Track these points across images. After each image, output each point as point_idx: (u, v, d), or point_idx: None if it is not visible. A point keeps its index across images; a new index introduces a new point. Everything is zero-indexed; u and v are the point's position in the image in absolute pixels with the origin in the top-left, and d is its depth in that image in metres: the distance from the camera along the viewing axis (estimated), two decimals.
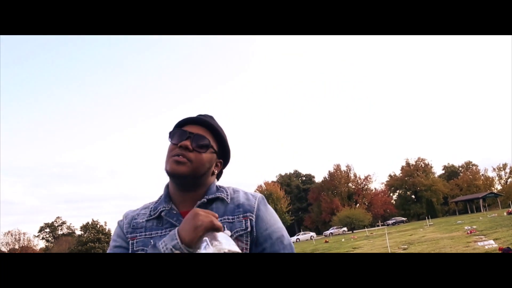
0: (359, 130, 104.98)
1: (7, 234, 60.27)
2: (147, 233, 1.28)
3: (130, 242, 1.28)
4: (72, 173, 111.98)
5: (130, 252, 1.26)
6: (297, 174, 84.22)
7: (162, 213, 1.28)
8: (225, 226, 1.21)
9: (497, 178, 76.56)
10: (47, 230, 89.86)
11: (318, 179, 78.38)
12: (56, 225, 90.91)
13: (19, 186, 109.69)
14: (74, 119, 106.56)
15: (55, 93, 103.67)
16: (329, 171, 69.81)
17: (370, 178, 69.85)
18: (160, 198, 1.37)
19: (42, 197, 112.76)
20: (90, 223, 59.27)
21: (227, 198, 1.32)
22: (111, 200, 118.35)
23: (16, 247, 59.70)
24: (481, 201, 56.76)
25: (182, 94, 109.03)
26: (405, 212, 69.57)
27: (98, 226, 59.22)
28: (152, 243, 1.23)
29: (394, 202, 73.17)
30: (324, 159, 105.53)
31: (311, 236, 50.99)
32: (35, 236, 75.64)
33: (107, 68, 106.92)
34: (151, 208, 1.34)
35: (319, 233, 65.03)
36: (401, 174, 73.38)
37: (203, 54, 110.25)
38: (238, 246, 1.11)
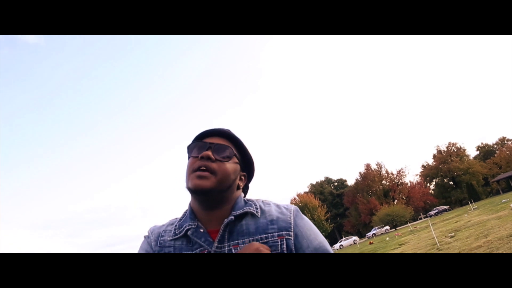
0: (383, 125, 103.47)
1: None
2: (176, 252, 1.18)
3: None
4: (105, 217, 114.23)
5: None
6: (328, 180, 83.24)
7: (188, 232, 1.17)
8: None
9: None
10: None
11: (350, 182, 77.29)
12: None
13: (57, 238, 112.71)
14: (99, 161, 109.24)
15: (81, 138, 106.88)
16: (360, 172, 68.73)
17: (403, 172, 68.27)
18: (184, 214, 1.26)
19: (81, 245, 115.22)
20: None
21: (257, 212, 1.20)
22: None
23: None
24: None
25: (198, 119, 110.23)
26: (446, 200, 67.43)
27: None
28: None
29: (432, 192, 71.13)
30: (352, 161, 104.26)
31: (354, 240, 49.86)
32: None
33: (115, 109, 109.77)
34: (176, 225, 1.23)
35: (361, 236, 63.80)
36: (434, 163, 71.32)
37: (215, 71, 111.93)
38: None
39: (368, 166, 68.38)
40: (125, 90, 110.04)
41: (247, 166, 1.31)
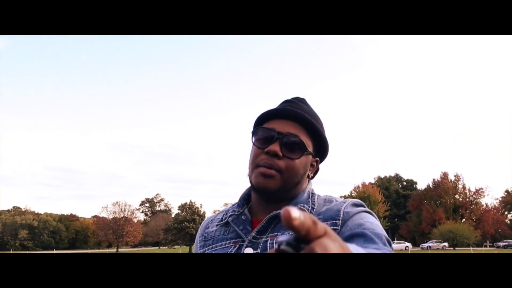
0: (473, 137, 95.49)
1: (116, 204, 65.73)
2: (213, 244, 1.10)
3: None
4: (172, 155, 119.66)
5: None
6: (398, 178, 79.06)
7: (229, 219, 1.09)
8: None
9: None
10: (147, 204, 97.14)
11: (421, 186, 72.81)
12: (155, 201, 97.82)
13: (125, 161, 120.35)
14: (179, 103, 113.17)
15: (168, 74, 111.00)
16: (434, 179, 63.81)
17: (482, 192, 62.08)
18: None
19: (144, 174, 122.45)
20: (188, 203, 62.05)
21: (310, 212, 1.04)
22: (206, 183, 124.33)
23: (121, 216, 64.83)
24: None
25: (282, 86, 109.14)
26: None
27: (195, 207, 61.80)
28: None
29: (509, 222, 64.74)
30: (429, 165, 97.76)
31: (406, 246, 47.41)
32: (136, 209, 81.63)
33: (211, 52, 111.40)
34: (226, 211, 1.15)
35: (415, 244, 60.52)
36: None
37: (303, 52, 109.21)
38: None
39: (445, 175, 63.25)
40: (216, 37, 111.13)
41: (320, 151, 1.13)
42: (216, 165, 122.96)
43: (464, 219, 59.79)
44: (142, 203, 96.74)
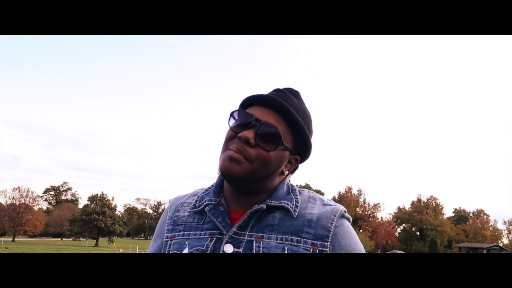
0: (377, 157, 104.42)
1: (16, 189, 61.09)
2: (185, 232, 1.02)
3: (168, 242, 1.04)
4: (85, 142, 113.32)
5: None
6: (307, 187, 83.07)
7: (206, 208, 1.01)
8: (286, 248, 0.93)
9: (506, 231, 75.54)
10: (52, 192, 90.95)
11: (328, 197, 77.45)
12: (62, 189, 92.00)
13: (31, 144, 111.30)
14: (99, 90, 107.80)
15: (90, 61, 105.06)
16: (339, 192, 69.55)
17: (379, 207, 69.44)
18: (211, 187, 1.08)
19: (51, 159, 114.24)
20: (99, 195, 59.79)
21: (294, 210, 0.98)
22: (119, 176, 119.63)
23: (21, 202, 60.41)
24: (485, 251, 55.98)
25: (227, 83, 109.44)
26: (407, 247, 68.82)
27: (106, 199, 59.76)
28: (186, 246, 0.99)
29: (397, 235, 72.53)
30: (336, 179, 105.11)
31: None
32: (39, 196, 76.37)
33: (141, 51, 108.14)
34: (199, 197, 1.06)
35: None
36: (410, 209, 72.80)
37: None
38: None
39: (349, 190, 69.21)
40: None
41: (301, 149, 1.05)
42: (130, 158, 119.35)
43: (361, 230, 65.74)
44: (47, 191, 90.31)
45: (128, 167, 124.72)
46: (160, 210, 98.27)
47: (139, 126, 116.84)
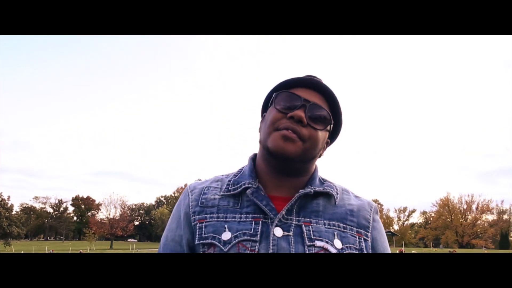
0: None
1: None
2: (220, 214, 0.97)
3: (198, 225, 0.97)
4: None
5: (197, 240, 0.95)
6: None
7: (248, 191, 0.97)
8: (335, 233, 0.95)
9: (396, 219, 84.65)
10: None
11: None
12: None
13: None
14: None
15: None
16: None
17: None
18: (240, 171, 1.07)
19: None
20: None
21: (337, 198, 1.01)
22: (11, 173, 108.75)
23: None
24: None
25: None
26: None
27: (0, 198, 54.19)
28: (226, 229, 0.93)
29: None
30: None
31: None
32: None
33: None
34: (231, 181, 1.03)
35: None
36: None
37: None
38: None
39: None
40: None
41: (334, 133, 1.08)
42: (27, 154, 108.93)
43: None
44: None
45: (24, 163, 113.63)
46: (61, 209, 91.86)
47: (34, 119, 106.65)
